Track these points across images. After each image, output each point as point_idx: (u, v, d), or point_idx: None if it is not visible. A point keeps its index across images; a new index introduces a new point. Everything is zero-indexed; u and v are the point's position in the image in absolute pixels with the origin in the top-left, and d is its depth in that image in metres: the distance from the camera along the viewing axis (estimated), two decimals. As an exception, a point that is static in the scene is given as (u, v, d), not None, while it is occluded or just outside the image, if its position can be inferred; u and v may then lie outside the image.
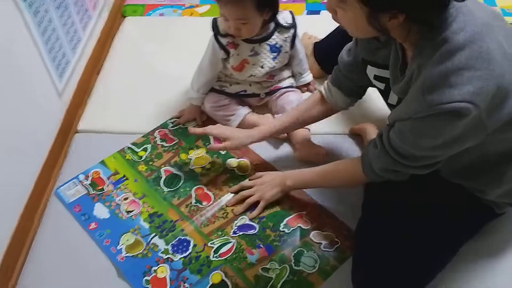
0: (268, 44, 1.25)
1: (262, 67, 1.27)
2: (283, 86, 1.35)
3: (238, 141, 1.17)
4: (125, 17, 1.78)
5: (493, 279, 1.02)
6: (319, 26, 1.47)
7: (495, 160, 0.89)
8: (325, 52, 1.42)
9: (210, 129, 1.20)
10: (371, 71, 1.01)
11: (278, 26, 1.25)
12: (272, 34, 1.25)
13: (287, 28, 1.26)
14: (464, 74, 0.72)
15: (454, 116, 0.73)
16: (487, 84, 0.72)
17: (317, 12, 1.76)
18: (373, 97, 1.19)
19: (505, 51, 0.75)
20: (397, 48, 0.89)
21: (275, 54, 1.27)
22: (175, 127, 1.36)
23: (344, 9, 0.79)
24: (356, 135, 1.31)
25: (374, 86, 1.05)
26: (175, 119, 1.38)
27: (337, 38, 1.38)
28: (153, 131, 1.35)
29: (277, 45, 1.26)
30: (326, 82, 1.14)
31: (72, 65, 1.40)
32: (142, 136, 1.34)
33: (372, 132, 1.25)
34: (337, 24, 1.40)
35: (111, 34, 1.70)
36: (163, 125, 1.36)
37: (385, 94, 1.02)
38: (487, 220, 1.02)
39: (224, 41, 1.23)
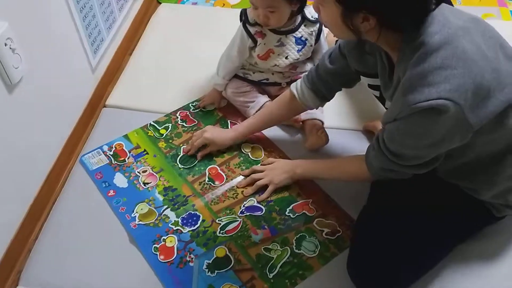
0: (294, 37, 1.30)
1: (286, 58, 1.31)
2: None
3: (221, 143, 1.26)
4: (160, 3, 1.86)
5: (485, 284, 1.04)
6: None
7: (487, 161, 0.91)
8: None
9: (202, 139, 1.27)
10: (364, 80, 1.07)
11: (305, 19, 1.30)
12: (299, 27, 1.29)
13: (314, 22, 1.30)
14: (441, 73, 0.75)
15: (433, 113, 0.76)
16: (464, 82, 0.75)
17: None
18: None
19: (484, 52, 0.78)
20: (382, 57, 0.93)
21: (300, 46, 1.31)
22: (196, 110, 1.42)
23: (324, 6, 0.84)
24: (369, 132, 1.34)
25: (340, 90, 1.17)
26: (196, 102, 1.44)
27: None
28: (175, 111, 1.42)
29: (303, 38, 1.31)
30: (300, 82, 1.19)
31: (106, 43, 1.48)
32: (165, 116, 1.41)
33: None
34: None
35: (146, 18, 1.78)
36: (185, 107, 1.43)
37: (381, 100, 1.06)
38: (486, 223, 1.04)
39: (252, 30, 1.28)
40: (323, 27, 1.32)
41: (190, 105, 1.44)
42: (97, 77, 1.45)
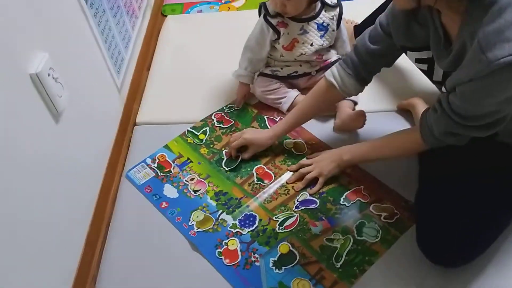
0: (316, 23, 1.31)
1: (311, 45, 1.33)
2: (333, 60, 1.40)
3: (260, 144, 1.27)
4: (165, 16, 1.86)
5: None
6: (354, 11, 1.52)
7: None
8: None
9: (240, 140, 1.27)
10: (411, 55, 1.06)
11: (325, 5, 1.31)
12: (319, 13, 1.31)
13: (334, 6, 1.32)
14: None
15: None
16: None
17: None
18: (416, 73, 1.23)
19: None
20: (436, 26, 0.93)
21: (322, 32, 1.33)
22: (231, 110, 1.43)
23: None
24: (404, 111, 1.36)
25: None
26: (230, 105, 1.45)
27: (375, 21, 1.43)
28: (210, 115, 1.43)
29: (324, 24, 1.32)
30: (336, 70, 1.17)
31: (126, 62, 1.49)
32: (201, 121, 1.42)
33: (421, 105, 1.29)
34: (375, 7, 1.45)
35: (155, 32, 1.79)
36: (220, 110, 1.44)
37: (429, 73, 1.06)
38: None
39: (274, 21, 1.30)
40: (342, 12, 1.34)
41: (224, 108, 1.45)
42: (123, 96, 1.46)
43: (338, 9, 1.33)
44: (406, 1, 0.87)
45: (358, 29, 1.49)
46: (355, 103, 1.36)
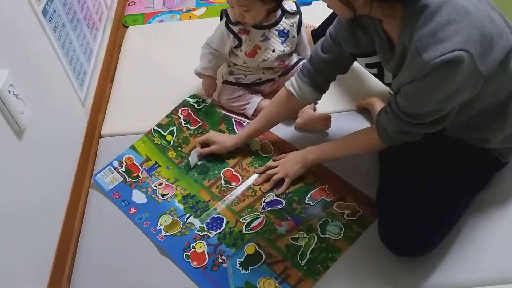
0: (277, 30, 1.35)
1: (273, 51, 1.36)
2: (293, 63, 1.44)
3: (223, 145, 1.30)
4: (126, 27, 1.87)
5: (503, 227, 1.11)
6: (312, 16, 1.55)
7: (493, 110, 0.98)
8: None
9: (205, 136, 1.33)
10: (361, 61, 1.12)
11: (285, 12, 1.35)
12: (280, 20, 1.34)
13: (293, 14, 1.36)
14: (449, 28, 0.81)
15: (451, 65, 0.81)
16: (471, 32, 0.81)
17: (309, 3, 1.86)
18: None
19: (477, 5, 0.84)
20: (379, 32, 0.98)
21: (283, 38, 1.36)
22: (199, 106, 1.44)
23: None
24: (364, 110, 1.40)
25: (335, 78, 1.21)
26: (196, 99, 1.46)
27: (332, 23, 1.48)
28: (176, 109, 1.44)
29: (285, 30, 1.36)
30: (295, 79, 1.21)
31: (89, 75, 1.49)
32: (166, 116, 1.43)
33: (379, 104, 1.34)
34: (331, 11, 1.51)
35: (117, 43, 1.79)
36: (185, 103, 1.45)
37: (380, 76, 1.12)
38: (495, 171, 1.12)
39: (235, 28, 1.33)
40: (302, 18, 1.38)
41: (188, 99, 1.46)
42: (87, 109, 1.45)
43: (298, 16, 1.37)
44: (344, 12, 0.91)
45: (316, 34, 1.53)
46: (315, 103, 1.39)
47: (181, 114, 1.43)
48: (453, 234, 1.08)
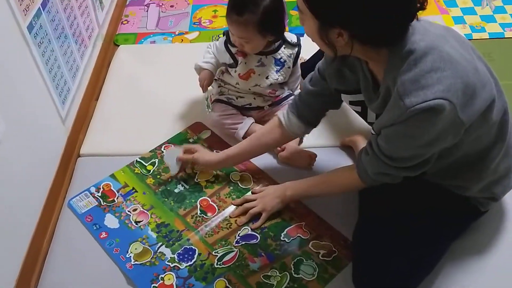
0: (274, 58, 1.35)
1: (267, 78, 1.36)
2: (284, 96, 1.43)
3: (206, 157, 1.27)
4: (117, 45, 1.85)
5: (480, 276, 1.09)
6: (305, 48, 1.51)
7: (473, 158, 0.97)
8: (311, 70, 1.50)
9: (191, 145, 1.32)
10: (345, 98, 1.11)
11: (285, 42, 1.35)
12: (279, 48, 1.35)
13: (293, 45, 1.36)
14: (433, 75, 0.81)
15: (431, 113, 0.81)
16: (454, 82, 0.81)
17: (301, 35, 1.85)
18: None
19: (463, 55, 0.85)
20: (364, 72, 0.98)
21: (278, 67, 1.36)
22: (183, 143, 1.42)
23: (304, 20, 0.89)
24: (347, 147, 1.39)
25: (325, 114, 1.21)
26: (179, 133, 1.45)
27: (320, 57, 1.48)
28: (160, 146, 1.42)
29: (282, 60, 1.36)
30: (286, 110, 1.21)
31: (73, 92, 1.47)
32: (150, 151, 1.41)
33: (362, 142, 1.33)
34: None
35: (106, 62, 1.77)
36: (170, 141, 1.43)
37: (363, 114, 1.11)
38: (473, 218, 1.10)
39: (233, 49, 1.33)
40: (300, 51, 1.38)
41: (174, 138, 1.44)
42: (67, 127, 1.43)
43: (297, 49, 1.37)
44: (326, 50, 0.91)
45: (304, 67, 1.52)
46: (301, 138, 1.37)
47: (164, 149, 1.41)
48: (431, 278, 1.05)
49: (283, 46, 1.35)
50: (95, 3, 1.72)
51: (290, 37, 1.37)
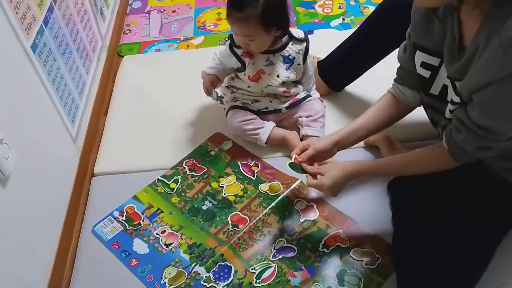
0: (282, 55, 1.30)
1: (278, 76, 1.31)
2: (301, 98, 1.38)
3: (323, 142, 1.14)
4: (122, 56, 1.79)
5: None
6: (314, 44, 1.43)
7: None
8: (329, 69, 1.46)
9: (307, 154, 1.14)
10: (419, 57, 1.01)
11: (292, 38, 1.30)
12: (286, 45, 1.30)
13: (301, 41, 1.31)
14: None
15: None
16: None
17: (311, 32, 1.79)
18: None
19: None
20: (453, 27, 0.89)
21: (288, 65, 1.31)
22: (205, 156, 1.37)
23: None
24: (373, 147, 1.32)
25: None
26: (199, 146, 1.39)
27: (340, 55, 1.43)
28: (181, 162, 1.37)
29: (290, 57, 1.31)
30: (393, 84, 1.14)
31: (81, 109, 1.41)
32: (171, 168, 1.35)
33: (388, 142, 1.27)
34: (339, 42, 1.41)
35: (111, 74, 1.72)
36: (190, 156, 1.38)
37: (428, 83, 1.02)
38: None
39: (239, 51, 1.29)
40: (309, 47, 1.33)
41: (194, 152, 1.39)
42: (79, 146, 1.37)
43: (305, 44, 1.32)
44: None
45: (322, 65, 1.47)
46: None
47: (186, 165, 1.35)
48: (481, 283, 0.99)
49: (291, 42, 1.30)
50: (96, 15, 1.66)
51: (297, 33, 1.32)
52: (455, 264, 0.95)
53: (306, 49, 1.32)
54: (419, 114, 1.13)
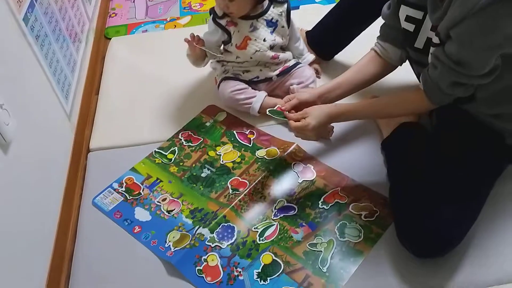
0: (265, 19, 1.32)
1: (264, 40, 1.33)
2: (291, 65, 1.41)
3: (307, 93, 1.18)
4: (109, 39, 1.80)
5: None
6: (301, 20, 1.50)
7: None
8: (318, 38, 1.49)
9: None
10: (403, 12, 1.06)
11: (273, 2, 1.33)
12: (267, 9, 1.32)
13: (281, 2, 1.34)
14: None
15: (508, 4, 0.79)
16: None
17: (297, 7, 1.83)
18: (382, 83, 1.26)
19: None
20: None
21: (272, 28, 1.34)
22: (200, 127, 1.39)
23: None
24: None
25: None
26: (193, 119, 1.41)
27: (327, 23, 1.47)
28: (177, 134, 1.38)
29: (273, 20, 1.33)
30: (376, 42, 1.19)
31: (74, 87, 1.42)
32: (167, 140, 1.37)
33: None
34: (326, 11, 1.44)
35: (100, 56, 1.72)
36: (185, 128, 1.40)
37: (413, 37, 1.06)
38: (510, 161, 1.10)
39: (223, 22, 1.30)
40: (290, 8, 1.36)
41: (189, 124, 1.40)
42: (73, 122, 1.38)
43: (285, 5, 1.35)
44: None
45: (310, 34, 1.50)
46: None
47: (182, 136, 1.37)
48: (474, 229, 1.04)
49: (272, 5, 1.33)
50: (82, -4, 1.66)
51: None
52: (448, 211, 0.99)
53: (288, 11, 1.35)
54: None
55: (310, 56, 1.46)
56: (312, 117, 1.10)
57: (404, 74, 1.22)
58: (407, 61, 1.19)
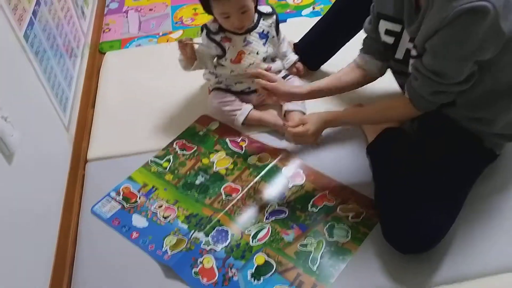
0: (257, 32, 1.39)
1: (257, 53, 1.39)
2: (282, 76, 1.47)
3: (291, 90, 1.30)
4: (103, 53, 1.85)
5: (501, 219, 1.15)
6: (288, 33, 1.56)
7: (506, 87, 1.02)
8: (305, 49, 1.56)
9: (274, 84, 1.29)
10: (383, 26, 1.15)
11: (262, 14, 1.40)
12: (258, 22, 1.39)
13: (269, 14, 1.41)
14: None
15: (476, 15, 0.86)
16: None
17: (284, 21, 1.91)
18: (369, 87, 1.34)
19: None
20: None
21: (264, 40, 1.40)
22: (194, 137, 1.44)
23: None
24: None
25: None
26: (187, 128, 1.47)
27: (314, 35, 1.54)
28: (172, 143, 1.44)
29: (265, 32, 1.40)
30: (358, 54, 1.27)
31: (71, 101, 1.48)
32: (162, 149, 1.42)
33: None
34: (313, 23, 1.52)
35: (95, 70, 1.78)
36: (180, 137, 1.45)
37: (393, 49, 1.15)
38: (488, 163, 1.17)
39: (217, 37, 1.36)
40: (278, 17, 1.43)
41: (183, 134, 1.46)
42: (71, 134, 1.43)
43: (274, 17, 1.42)
44: None
45: (298, 46, 1.57)
46: (304, 113, 1.41)
47: (176, 145, 1.43)
48: (455, 227, 1.10)
49: (262, 18, 1.39)
50: (77, 12, 1.72)
51: (265, 9, 1.41)
52: (429, 212, 1.06)
53: (277, 21, 1.42)
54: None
55: (294, 56, 1.53)
56: (311, 124, 1.21)
57: (388, 82, 1.30)
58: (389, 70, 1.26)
